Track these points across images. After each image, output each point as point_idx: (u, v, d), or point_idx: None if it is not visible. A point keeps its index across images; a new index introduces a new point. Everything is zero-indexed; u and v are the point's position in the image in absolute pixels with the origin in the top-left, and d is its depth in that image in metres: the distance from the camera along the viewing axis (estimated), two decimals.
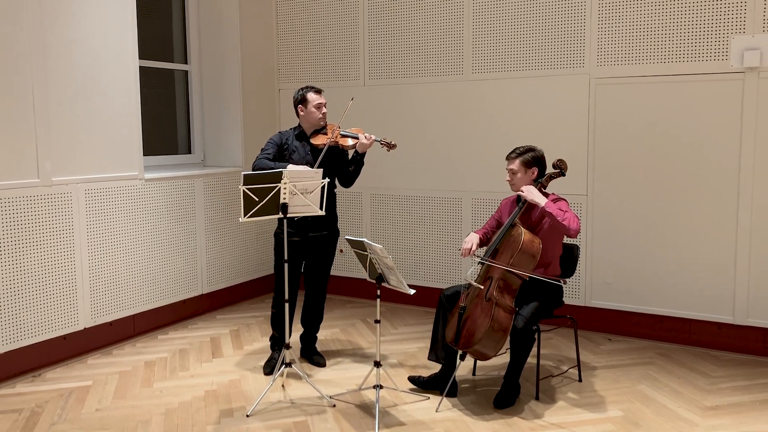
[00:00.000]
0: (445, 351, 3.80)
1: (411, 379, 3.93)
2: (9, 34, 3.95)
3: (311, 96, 4.12)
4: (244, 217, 3.59)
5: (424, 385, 3.87)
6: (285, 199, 3.65)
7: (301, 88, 4.18)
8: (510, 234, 3.67)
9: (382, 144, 4.11)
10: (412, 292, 3.33)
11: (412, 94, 5.48)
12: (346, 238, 3.65)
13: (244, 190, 3.52)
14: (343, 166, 4.18)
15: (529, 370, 3.96)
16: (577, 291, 4.94)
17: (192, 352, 4.58)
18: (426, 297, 5.30)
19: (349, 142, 4.08)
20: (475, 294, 3.65)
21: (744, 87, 4.30)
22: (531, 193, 3.63)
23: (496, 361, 4.09)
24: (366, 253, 3.49)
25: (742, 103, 4.32)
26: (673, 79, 4.51)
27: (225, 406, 3.71)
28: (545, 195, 3.70)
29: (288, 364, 3.83)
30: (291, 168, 3.83)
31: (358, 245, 3.51)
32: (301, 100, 4.15)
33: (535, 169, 3.77)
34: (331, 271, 4.35)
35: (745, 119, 4.32)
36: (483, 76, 5.17)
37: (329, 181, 3.84)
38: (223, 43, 5.75)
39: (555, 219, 3.55)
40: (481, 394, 3.84)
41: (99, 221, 4.52)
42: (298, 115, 4.17)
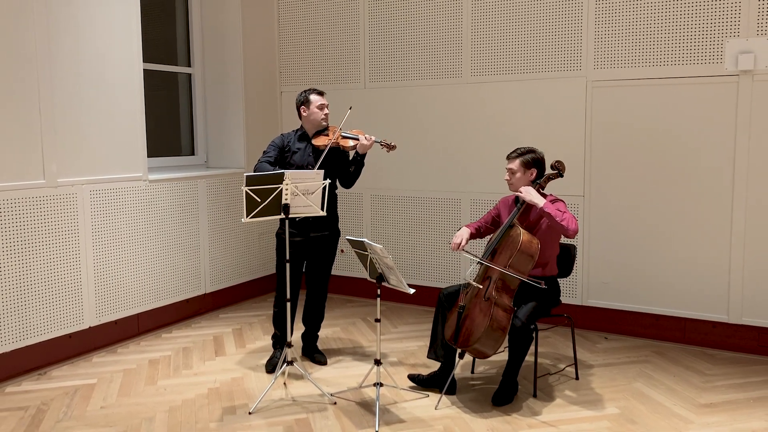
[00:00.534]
0: (444, 349, 3.82)
1: (411, 377, 3.96)
2: (17, 38, 4.00)
3: (314, 97, 4.17)
4: (247, 217, 3.61)
5: (423, 383, 3.90)
6: (287, 199, 3.67)
7: (304, 91, 4.23)
8: (509, 234, 3.71)
9: (382, 145, 4.15)
10: (412, 291, 3.36)
11: (412, 97, 5.52)
12: (347, 239, 3.68)
13: (246, 191, 3.55)
14: (343, 167, 4.22)
15: (526, 368, 3.99)
16: (574, 290, 4.98)
17: (195, 350, 4.62)
18: (425, 296, 5.33)
19: (350, 144, 4.11)
20: (474, 293, 3.69)
21: (738, 90, 4.35)
22: (530, 194, 3.66)
23: (495, 360, 4.13)
24: (366, 253, 3.52)
25: (737, 105, 4.36)
26: (669, 81, 4.56)
27: (228, 403, 3.75)
28: (543, 196, 3.73)
29: (290, 363, 3.86)
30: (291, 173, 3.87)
31: (359, 245, 3.54)
32: (304, 102, 4.19)
33: (534, 171, 3.80)
34: (332, 270, 4.38)
35: (740, 121, 4.36)
36: (482, 79, 5.22)
37: (330, 182, 3.88)
38: (226, 47, 5.80)
39: (553, 219, 3.58)
40: (480, 392, 3.87)
41: (104, 222, 4.56)
42: (301, 116, 4.22)
